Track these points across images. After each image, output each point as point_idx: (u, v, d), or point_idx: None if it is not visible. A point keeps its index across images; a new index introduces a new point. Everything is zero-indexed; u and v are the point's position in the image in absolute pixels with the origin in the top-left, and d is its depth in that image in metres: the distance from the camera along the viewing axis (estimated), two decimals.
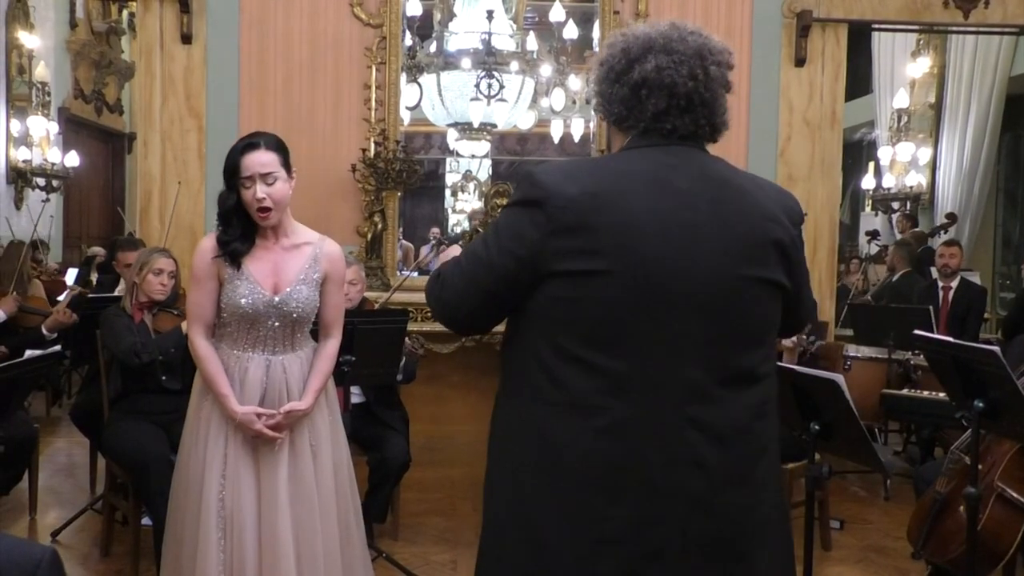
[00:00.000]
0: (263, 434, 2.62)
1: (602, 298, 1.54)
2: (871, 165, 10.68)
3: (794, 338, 3.91)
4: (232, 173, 2.63)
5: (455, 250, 1.98)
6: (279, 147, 2.67)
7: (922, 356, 4.49)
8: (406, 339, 3.96)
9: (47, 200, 9.04)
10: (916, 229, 8.75)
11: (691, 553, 1.57)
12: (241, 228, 2.65)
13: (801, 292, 1.73)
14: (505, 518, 1.65)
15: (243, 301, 2.63)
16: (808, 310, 1.84)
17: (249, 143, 2.65)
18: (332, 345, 2.82)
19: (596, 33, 5.84)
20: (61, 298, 6.61)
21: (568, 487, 1.56)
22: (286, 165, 2.67)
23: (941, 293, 6.12)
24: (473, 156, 7.11)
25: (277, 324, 2.68)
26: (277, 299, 2.66)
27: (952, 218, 8.58)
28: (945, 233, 8.35)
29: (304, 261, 2.72)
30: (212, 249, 2.67)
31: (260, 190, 2.60)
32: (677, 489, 1.55)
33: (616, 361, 1.54)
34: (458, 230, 7.67)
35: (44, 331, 4.69)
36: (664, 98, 1.60)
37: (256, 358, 2.68)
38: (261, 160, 2.61)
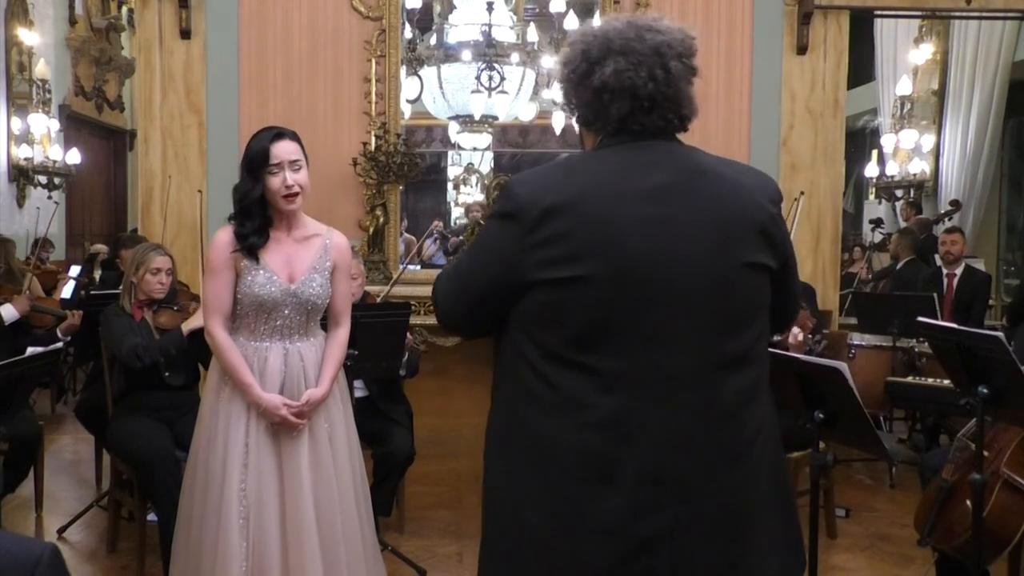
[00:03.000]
0: (288, 421, 2.68)
1: (586, 302, 1.56)
2: (874, 153, 10.65)
3: (800, 337, 3.83)
4: (262, 161, 2.69)
5: None
6: (299, 140, 2.78)
7: (926, 343, 4.48)
8: (408, 335, 3.96)
9: (55, 201, 9.05)
10: (921, 216, 8.72)
11: (685, 539, 1.57)
12: (259, 222, 2.73)
13: (787, 271, 1.72)
14: (502, 518, 1.68)
15: (261, 291, 2.70)
16: (796, 301, 1.85)
17: (277, 133, 2.74)
18: (342, 333, 2.91)
19: (597, 23, 5.82)
20: (65, 293, 6.64)
21: (559, 481, 1.58)
22: (305, 157, 2.78)
23: (945, 280, 6.10)
24: (475, 149, 7.10)
25: (293, 312, 2.75)
26: (293, 287, 2.73)
27: (956, 204, 8.55)
28: (950, 220, 8.32)
29: (315, 252, 2.81)
30: (230, 242, 2.73)
31: (290, 177, 2.68)
32: (668, 476, 1.57)
33: (605, 360, 1.56)
34: (461, 223, 7.66)
35: (59, 334, 4.73)
36: (627, 102, 1.61)
37: (274, 347, 2.76)
38: (288, 148, 2.72)
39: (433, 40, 6.57)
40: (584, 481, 1.57)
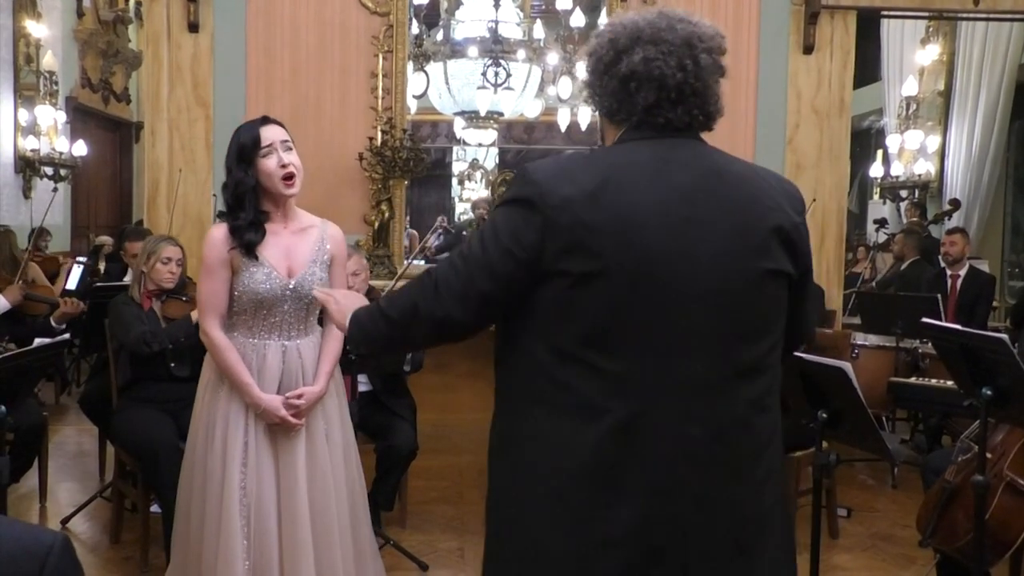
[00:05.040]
0: (287, 421, 2.64)
1: (602, 298, 1.50)
2: (879, 153, 10.62)
3: None
4: (252, 146, 2.64)
5: (353, 298, 1.95)
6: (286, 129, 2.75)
7: (930, 344, 4.47)
8: None
9: (55, 189, 9.06)
10: (914, 220, 8.70)
11: (692, 551, 1.54)
12: (253, 213, 2.66)
13: (805, 281, 1.67)
14: (505, 526, 1.62)
15: (261, 287, 2.64)
16: (811, 321, 1.81)
17: (262, 118, 2.72)
18: None
19: (603, 21, 5.82)
20: (71, 284, 6.66)
21: (568, 490, 1.53)
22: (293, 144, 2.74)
23: (949, 281, 6.09)
24: (480, 144, 7.12)
25: (292, 308, 2.70)
26: (293, 283, 2.68)
27: (956, 204, 8.53)
28: (949, 219, 8.32)
29: (313, 244, 2.75)
30: (225, 239, 2.66)
31: (284, 156, 2.64)
32: (678, 487, 1.52)
33: (617, 361, 1.50)
34: (465, 218, 7.68)
35: (53, 323, 4.73)
36: (654, 91, 1.56)
37: (273, 344, 2.70)
38: (277, 131, 2.68)
39: (440, 36, 6.58)
40: (593, 488, 1.51)
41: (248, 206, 2.65)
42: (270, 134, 2.65)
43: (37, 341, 3.81)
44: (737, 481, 1.57)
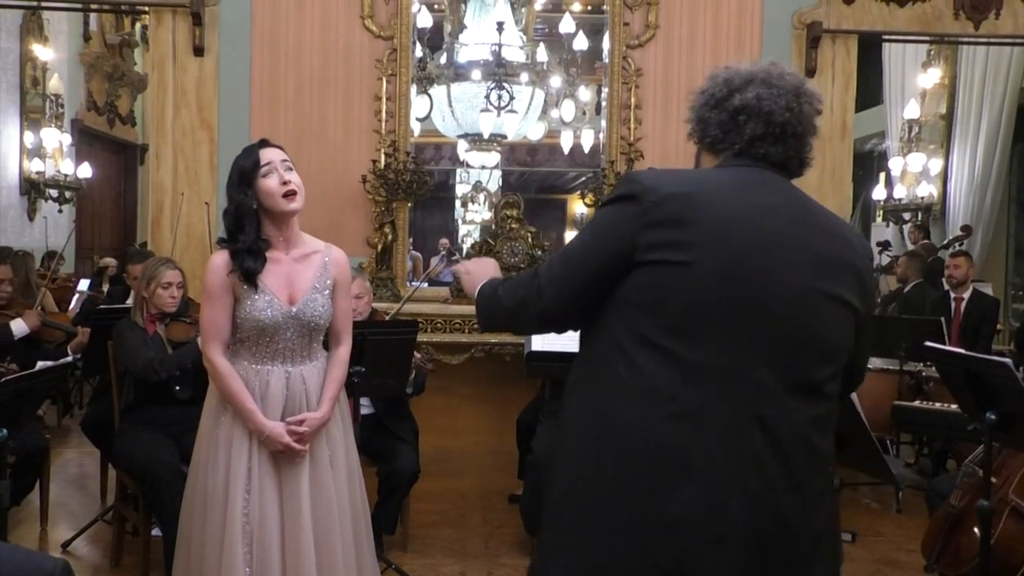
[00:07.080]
0: (291, 448, 2.62)
1: (687, 289, 1.62)
2: (882, 176, 10.65)
3: None
4: (252, 167, 2.64)
5: (485, 266, 2.07)
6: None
7: (934, 368, 4.47)
8: (415, 353, 3.96)
9: (61, 211, 9.11)
10: (927, 241, 8.71)
11: (747, 547, 1.61)
12: (253, 236, 2.65)
13: (867, 322, 1.78)
14: (568, 499, 1.71)
15: (263, 315, 2.63)
16: (866, 363, 1.90)
17: (260, 141, 2.73)
18: (343, 352, 2.84)
19: (606, 44, 5.85)
20: (73, 305, 6.67)
21: (635, 469, 1.62)
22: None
23: (953, 304, 6.09)
24: (483, 167, 7.14)
25: (295, 335, 2.68)
26: (295, 310, 2.67)
27: (967, 230, 8.53)
28: (960, 245, 8.31)
29: (315, 270, 2.74)
30: (226, 265, 2.65)
31: (285, 175, 2.64)
32: (738, 483, 1.60)
33: (694, 351, 1.61)
34: (469, 241, 7.69)
35: (70, 352, 4.74)
36: (762, 124, 1.71)
37: (276, 370, 2.69)
38: (277, 152, 2.69)
39: (443, 59, 6.62)
40: (659, 472, 1.60)
41: (248, 229, 2.64)
42: (269, 155, 2.66)
43: (39, 364, 3.81)
44: (791, 493, 1.64)
